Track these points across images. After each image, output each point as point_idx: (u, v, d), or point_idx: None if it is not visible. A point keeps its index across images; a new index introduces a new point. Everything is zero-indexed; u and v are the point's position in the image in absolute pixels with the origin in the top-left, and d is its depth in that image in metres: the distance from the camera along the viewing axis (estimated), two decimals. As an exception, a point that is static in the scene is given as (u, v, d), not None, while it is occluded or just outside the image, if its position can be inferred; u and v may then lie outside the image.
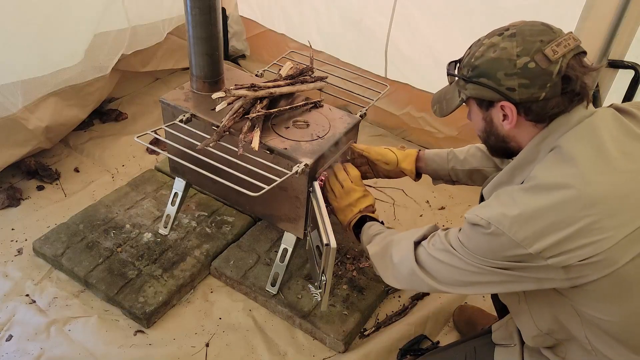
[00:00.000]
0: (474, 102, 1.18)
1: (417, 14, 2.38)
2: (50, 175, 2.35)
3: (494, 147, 1.23)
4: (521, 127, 1.12)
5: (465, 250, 1.11)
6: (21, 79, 2.16)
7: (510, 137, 1.16)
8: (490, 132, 1.19)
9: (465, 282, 1.14)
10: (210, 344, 1.75)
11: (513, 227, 1.00)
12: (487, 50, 1.11)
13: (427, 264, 1.21)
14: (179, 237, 2.04)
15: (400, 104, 2.70)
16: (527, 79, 1.04)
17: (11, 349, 1.67)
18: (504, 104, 1.09)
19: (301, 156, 1.56)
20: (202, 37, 1.70)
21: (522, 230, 1.00)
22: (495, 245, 1.04)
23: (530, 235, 0.99)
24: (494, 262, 1.06)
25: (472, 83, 1.14)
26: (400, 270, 1.28)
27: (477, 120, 1.21)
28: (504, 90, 1.07)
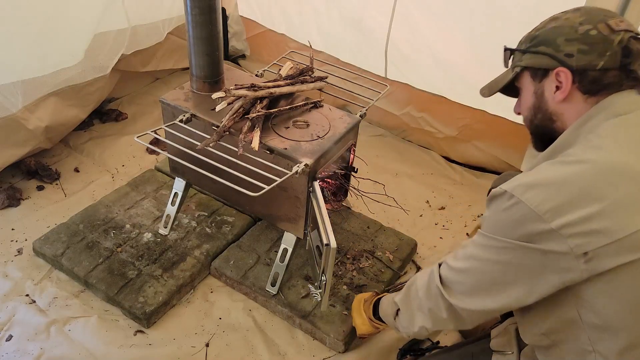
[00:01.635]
0: (527, 74, 1.16)
1: (417, 14, 2.38)
2: (50, 175, 2.35)
3: (539, 129, 1.18)
4: (571, 102, 1.08)
5: (484, 237, 1.06)
6: (21, 79, 2.16)
7: (557, 114, 1.12)
8: (539, 108, 1.14)
9: (486, 287, 1.09)
10: (210, 344, 1.75)
11: (535, 198, 0.96)
12: (549, 22, 1.11)
13: (450, 279, 1.17)
14: (179, 237, 2.04)
15: (400, 104, 2.70)
16: (587, 44, 1.03)
17: (11, 349, 1.67)
18: (559, 70, 1.06)
19: (301, 156, 1.56)
20: (202, 37, 1.70)
21: (544, 202, 0.95)
22: (515, 219, 0.99)
23: (552, 208, 0.94)
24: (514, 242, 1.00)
25: (529, 53, 1.13)
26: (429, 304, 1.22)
27: (527, 97, 1.17)
28: (562, 56, 1.06)
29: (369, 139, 2.74)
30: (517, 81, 1.20)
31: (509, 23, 2.14)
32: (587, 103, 1.07)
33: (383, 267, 1.99)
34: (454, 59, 2.37)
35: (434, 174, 2.58)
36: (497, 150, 2.52)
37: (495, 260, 1.05)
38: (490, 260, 1.07)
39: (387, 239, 2.10)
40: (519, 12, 2.10)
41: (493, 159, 2.54)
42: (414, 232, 2.21)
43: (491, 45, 2.23)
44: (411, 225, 2.25)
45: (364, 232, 2.13)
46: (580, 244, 0.94)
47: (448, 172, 2.60)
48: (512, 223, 1.00)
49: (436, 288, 1.19)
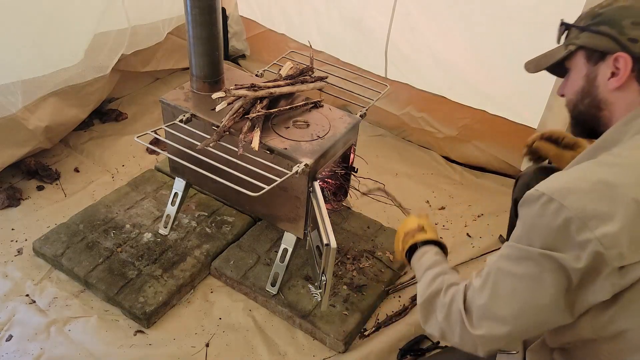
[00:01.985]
0: (582, 55, 1.05)
1: (417, 14, 2.38)
2: (50, 175, 2.35)
3: (582, 115, 1.07)
4: (625, 91, 0.99)
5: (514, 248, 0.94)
6: (21, 79, 2.16)
7: (607, 103, 1.02)
8: (588, 93, 1.04)
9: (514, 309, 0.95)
10: (210, 344, 1.75)
11: (580, 203, 0.85)
12: (617, 0, 1.01)
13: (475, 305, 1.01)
14: (179, 237, 2.03)
15: (400, 104, 2.70)
16: None
17: (11, 349, 1.67)
18: (619, 55, 0.97)
19: (301, 156, 1.56)
20: (202, 37, 1.70)
21: (591, 207, 0.85)
22: (555, 226, 0.87)
23: (599, 215, 0.84)
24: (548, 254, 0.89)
25: (588, 31, 1.02)
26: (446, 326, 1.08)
27: (576, 79, 1.07)
28: (625, 40, 0.96)
29: (369, 139, 2.74)
30: (568, 60, 1.09)
31: (509, 23, 2.14)
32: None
33: (383, 267, 1.99)
34: (454, 59, 2.37)
35: (434, 174, 2.58)
36: (497, 150, 2.52)
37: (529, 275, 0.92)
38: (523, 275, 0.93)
39: (387, 239, 2.10)
40: (519, 12, 2.10)
41: (493, 159, 2.54)
42: (414, 232, 2.20)
43: (491, 45, 2.25)
44: (411, 225, 2.25)
45: (364, 232, 2.13)
46: (618, 257, 0.85)
47: (448, 172, 2.59)
48: (552, 231, 0.88)
49: (458, 314, 1.04)
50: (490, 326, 0.99)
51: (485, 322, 1.00)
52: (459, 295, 1.06)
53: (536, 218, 0.91)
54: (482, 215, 2.34)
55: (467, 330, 1.02)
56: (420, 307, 1.18)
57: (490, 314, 0.99)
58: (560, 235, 0.87)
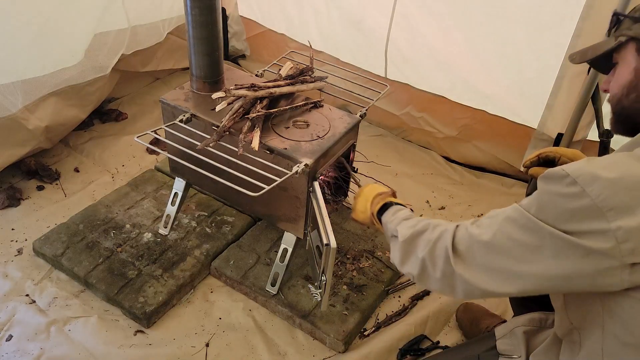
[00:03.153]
0: (632, 47, 1.01)
1: (417, 14, 2.38)
2: (50, 175, 2.35)
3: (626, 110, 1.03)
4: None
5: (524, 217, 0.92)
6: (21, 78, 2.16)
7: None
8: (636, 87, 1.00)
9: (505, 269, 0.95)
10: (210, 344, 1.75)
11: (604, 192, 0.83)
12: None
13: (463, 245, 1.02)
14: (179, 237, 2.04)
15: (400, 104, 2.70)
16: None
17: (11, 349, 1.67)
18: None
19: (301, 156, 1.56)
20: (202, 37, 1.70)
21: (613, 198, 0.82)
22: (572, 209, 0.86)
23: (620, 206, 0.82)
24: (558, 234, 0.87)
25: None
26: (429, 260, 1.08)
27: (623, 72, 1.03)
28: None
29: (369, 139, 2.74)
30: (617, 52, 1.05)
31: (508, 23, 2.14)
32: None
33: (383, 267, 1.99)
34: (454, 59, 2.37)
35: (434, 174, 2.58)
36: (497, 150, 2.52)
37: (528, 245, 0.92)
38: (523, 243, 0.93)
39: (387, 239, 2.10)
40: (519, 12, 2.10)
41: (493, 159, 2.54)
42: (414, 232, 2.20)
43: (491, 46, 2.25)
44: (411, 225, 2.25)
45: (364, 232, 2.13)
46: (634, 252, 0.83)
47: (448, 172, 2.59)
48: (567, 213, 0.86)
49: (444, 249, 1.05)
50: (474, 273, 1.00)
51: (471, 267, 1.00)
52: (448, 234, 1.06)
53: (555, 196, 0.89)
54: (482, 215, 2.33)
55: (451, 267, 1.02)
56: (400, 246, 1.17)
57: (478, 263, 0.99)
58: (575, 219, 0.86)
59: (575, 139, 2.20)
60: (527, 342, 1.30)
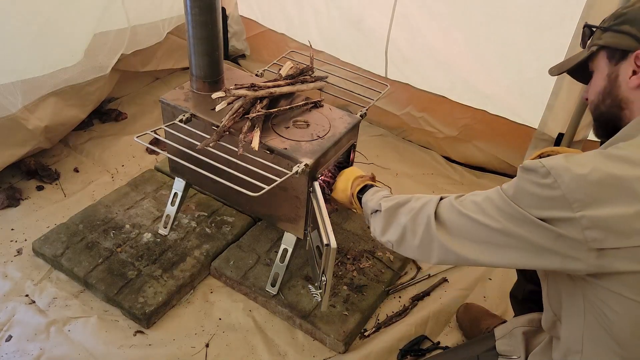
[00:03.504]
0: (604, 55, 1.07)
1: (417, 14, 2.38)
2: (50, 175, 2.35)
3: (604, 115, 1.09)
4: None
5: (502, 199, 1.01)
6: (21, 79, 2.16)
7: (627, 102, 1.04)
8: (610, 93, 1.06)
9: (482, 241, 1.04)
10: (210, 344, 1.75)
11: (572, 184, 0.90)
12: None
13: (446, 214, 1.11)
14: (178, 237, 2.03)
15: (400, 104, 2.70)
16: None
17: (11, 349, 1.67)
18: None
19: (301, 156, 1.56)
20: (202, 37, 1.70)
21: (577, 190, 0.90)
22: (544, 197, 0.94)
23: (583, 199, 0.89)
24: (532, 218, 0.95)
25: (610, 31, 1.05)
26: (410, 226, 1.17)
27: (598, 80, 1.09)
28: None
29: (369, 139, 2.73)
30: (592, 61, 1.11)
31: (509, 23, 2.14)
32: None
33: (383, 268, 1.98)
34: (454, 59, 2.37)
35: (434, 174, 2.58)
36: (497, 150, 2.51)
37: (504, 226, 1.00)
38: (499, 223, 1.01)
39: (387, 239, 2.10)
40: (519, 12, 2.10)
41: (493, 159, 2.54)
42: (414, 232, 2.20)
43: (491, 45, 2.25)
44: (411, 226, 2.25)
45: (364, 232, 2.13)
46: (597, 239, 0.90)
47: (448, 172, 2.59)
48: (540, 200, 0.95)
49: (426, 217, 1.13)
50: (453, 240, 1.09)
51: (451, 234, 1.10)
52: (431, 203, 1.16)
53: (531, 185, 0.96)
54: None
55: (431, 234, 1.12)
56: (382, 216, 1.27)
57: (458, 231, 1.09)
58: (546, 206, 0.94)
59: (575, 139, 2.19)
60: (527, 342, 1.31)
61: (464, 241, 1.08)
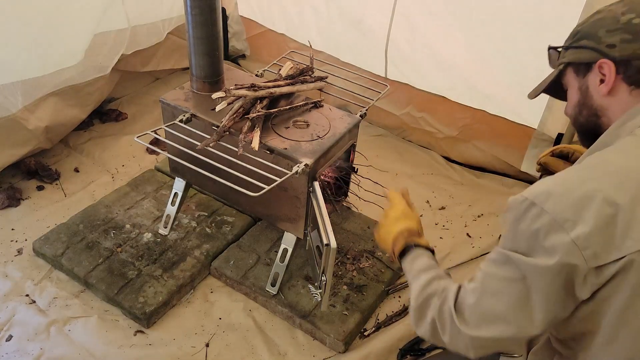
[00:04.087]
0: (571, 71, 1.12)
1: (417, 13, 2.38)
2: (50, 175, 2.35)
3: (584, 126, 1.13)
4: (617, 95, 1.04)
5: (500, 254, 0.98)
6: (21, 79, 2.16)
7: (603, 109, 1.07)
8: (584, 104, 1.10)
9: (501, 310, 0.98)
10: (210, 344, 1.75)
11: (558, 206, 0.89)
12: (593, 16, 1.08)
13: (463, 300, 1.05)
14: (179, 237, 2.03)
15: (400, 104, 2.70)
16: (630, 34, 1.00)
17: (11, 349, 1.67)
18: (602, 63, 1.03)
19: (301, 156, 1.56)
20: (202, 37, 1.70)
21: (567, 210, 0.89)
22: (536, 229, 0.91)
23: (573, 217, 0.88)
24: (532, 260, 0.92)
25: (572, 48, 1.11)
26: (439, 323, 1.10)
27: (572, 94, 1.13)
28: (603, 48, 1.03)
29: (369, 139, 2.74)
30: (562, 79, 1.16)
31: (509, 23, 2.14)
32: (632, 96, 1.02)
33: (383, 267, 1.98)
34: (454, 59, 2.37)
35: (434, 174, 2.58)
36: (497, 150, 2.52)
37: (513, 279, 0.96)
38: (508, 279, 0.97)
39: (387, 239, 2.10)
40: (519, 12, 2.10)
41: (493, 159, 2.54)
42: (414, 232, 2.20)
43: (491, 45, 2.25)
44: (411, 225, 2.25)
45: (364, 232, 2.13)
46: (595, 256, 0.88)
47: (448, 172, 2.59)
48: (533, 234, 0.92)
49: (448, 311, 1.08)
50: (480, 327, 1.02)
51: (476, 323, 1.03)
52: (451, 295, 1.10)
53: (519, 222, 0.94)
54: (482, 215, 2.34)
55: (457, 328, 1.05)
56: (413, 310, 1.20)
57: (479, 315, 1.02)
58: (541, 237, 0.91)
59: (575, 139, 2.19)
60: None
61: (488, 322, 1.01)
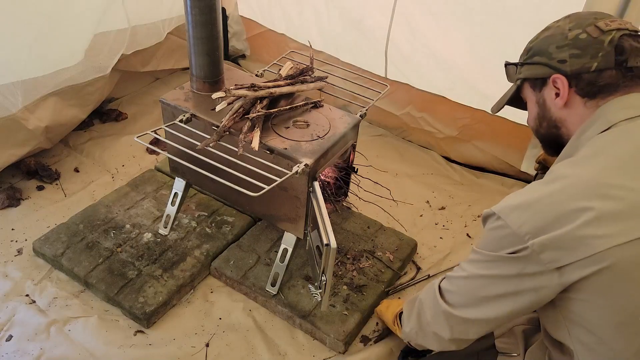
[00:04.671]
0: (527, 86, 1.19)
1: (417, 13, 2.38)
2: (50, 175, 2.35)
3: (546, 137, 1.21)
4: (572, 107, 1.10)
5: (477, 254, 1.11)
6: (21, 79, 2.16)
7: (561, 121, 1.14)
8: (543, 116, 1.17)
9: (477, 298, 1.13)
10: (210, 344, 1.75)
11: (517, 219, 1.00)
12: (542, 32, 1.15)
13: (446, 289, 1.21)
14: (179, 237, 2.03)
15: (400, 104, 2.70)
16: (578, 49, 1.05)
17: (11, 349, 1.67)
18: (555, 77, 1.09)
19: (301, 156, 1.56)
20: (202, 37, 1.70)
21: (525, 224, 0.99)
22: (500, 238, 1.03)
23: (532, 230, 0.98)
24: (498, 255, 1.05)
25: (526, 65, 1.17)
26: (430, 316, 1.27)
27: (531, 107, 1.21)
28: (555, 63, 1.09)
29: (369, 138, 2.74)
30: (521, 93, 1.23)
31: (508, 23, 2.14)
32: (587, 107, 1.08)
33: (383, 267, 1.98)
34: (454, 59, 2.37)
35: (434, 174, 2.58)
36: (497, 150, 2.52)
37: (482, 274, 1.10)
38: (478, 273, 1.11)
39: (387, 239, 2.10)
40: (519, 12, 2.10)
41: (493, 159, 2.54)
42: (414, 232, 2.21)
43: (491, 45, 2.25)
44: (411, 225, 2.25)
45: (364, 232, 2.13)
46: (554, 259, 0.97)
47: (448, 172, 2.59)
48: (498, 241, 1.04)
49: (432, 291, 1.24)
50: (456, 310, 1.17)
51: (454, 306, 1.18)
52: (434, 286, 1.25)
53: (490, 231, 1.06)
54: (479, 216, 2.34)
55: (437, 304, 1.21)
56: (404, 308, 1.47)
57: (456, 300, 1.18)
58: (505, 245, 1.03)
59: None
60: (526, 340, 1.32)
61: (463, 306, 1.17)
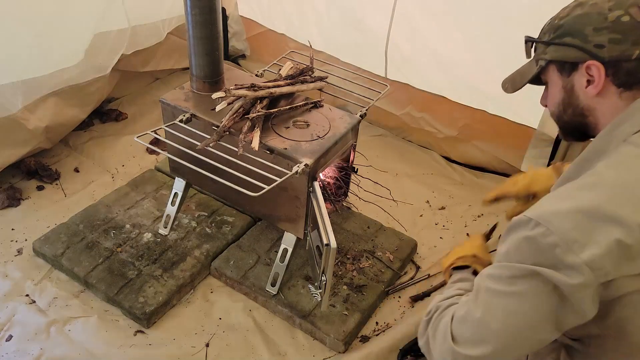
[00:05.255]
0: (554, 68, 1.05)
1: (417, 13, 2.38)
2: (50, 175, 2.35)
3: (569, 124, 1.08)
4: (606, 96, 0.99)
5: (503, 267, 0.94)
6: (21, 79, 2.16)
7: (590, 110, 1.02)
8: (569, 103, 1.05)
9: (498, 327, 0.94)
10: (210, 344, 1.75)
11: (564, 226, 0.86)
12: (574, 9, 0.99)
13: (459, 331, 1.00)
14: (179, 237, 2.03)
15: (400, 104, 2.70)
16: (619, 33, 0.93)
17: (11, 349, 1.67)
18: (590, 64, 0.97)
19: (301, 156, 1.56)
20: (202, 37, 1.70)
21: (574, 231, 0.86)
22: (540, 248, 0.88)
23: (581, 239, 0.85)
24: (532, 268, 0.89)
25: (554, 45, 1.02)
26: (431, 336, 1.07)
27: (554, 92, 1.08)
28: (591, 47, 0.96)
29: (369, 139, 2.73)
30: (543, 75, 1.10)
31: (509, 23, 2.14)
32: (622, 99, 0.98)
33: (383, 267, 1.98)
34: (454, 59, 2.37)
35: (434, 174, 2.58)
36: (497, 150, 2.51)
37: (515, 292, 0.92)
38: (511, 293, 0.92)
39: (387, 239, 2.10)
40: (519, 12, 2.10)
41: (493, 159, 2.54)
42: (414, 232, 2.21)
43: (491, 45, 2.25)
44: (411, 225, 2.25)
45: (364, 232, 2.13)
46: (606, 275, 0.86)
47: (448, 172, 2.59)
48: (540, 252, 0.89)
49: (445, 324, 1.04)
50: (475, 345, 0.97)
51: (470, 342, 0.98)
52: (450, 311, 1.05)
53: (526, 241, 0.91)
54: (482, 215, 2.34)
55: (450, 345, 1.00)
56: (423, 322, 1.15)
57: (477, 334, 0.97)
58: (550, 256, 0.88)
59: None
60: None
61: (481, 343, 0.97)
